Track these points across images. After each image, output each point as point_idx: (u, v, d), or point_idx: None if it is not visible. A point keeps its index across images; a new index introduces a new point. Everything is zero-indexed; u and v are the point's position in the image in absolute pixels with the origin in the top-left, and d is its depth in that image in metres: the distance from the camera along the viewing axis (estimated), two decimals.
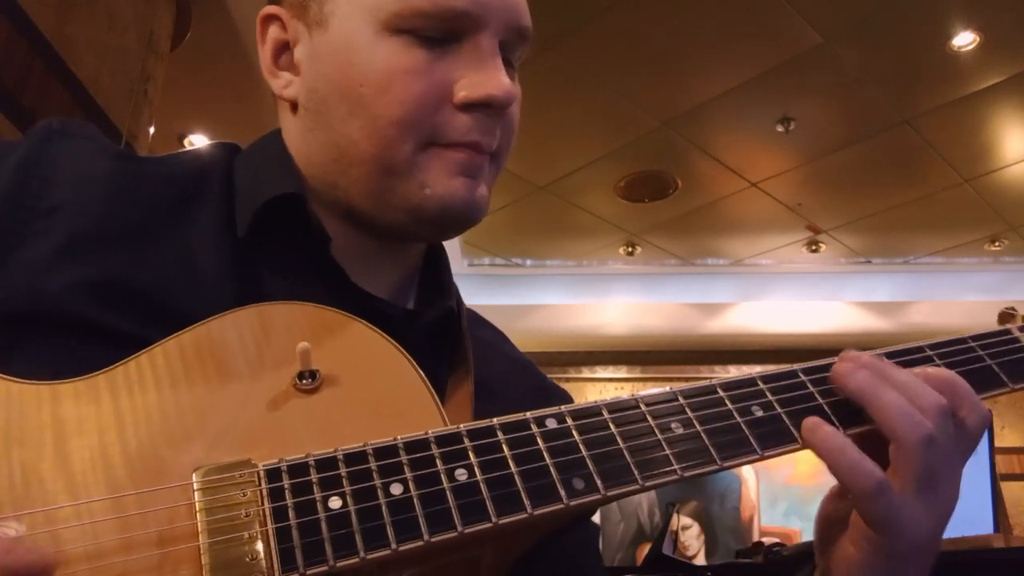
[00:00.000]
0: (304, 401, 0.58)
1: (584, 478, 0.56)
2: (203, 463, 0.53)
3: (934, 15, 3.70)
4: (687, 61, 4.04)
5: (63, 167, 0.68)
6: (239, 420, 0.56)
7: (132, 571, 0.48)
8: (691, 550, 3.47)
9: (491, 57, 0.71)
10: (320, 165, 0.74)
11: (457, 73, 0.70)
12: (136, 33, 2.67)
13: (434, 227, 0.73)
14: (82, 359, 0.57)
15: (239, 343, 0.60)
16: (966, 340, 0.73)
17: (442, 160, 0.70)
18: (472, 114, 0.70)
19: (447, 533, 0.51)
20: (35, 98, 2.22)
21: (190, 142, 4.54)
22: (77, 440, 0.53)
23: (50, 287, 0.61)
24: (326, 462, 0.53)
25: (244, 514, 0.51)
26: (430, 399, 0.60)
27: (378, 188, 0.71)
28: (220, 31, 3.51)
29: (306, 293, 0.65)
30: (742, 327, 6.53)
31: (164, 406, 0.56)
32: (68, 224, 0.65)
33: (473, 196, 0.72)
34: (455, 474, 0.54)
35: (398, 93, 0.68)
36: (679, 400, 0.62)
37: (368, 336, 0.62)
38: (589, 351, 6.75)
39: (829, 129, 4.61)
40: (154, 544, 0.49)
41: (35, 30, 2.23)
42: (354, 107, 0.70)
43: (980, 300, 6.31)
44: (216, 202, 0.72)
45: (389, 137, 0.69)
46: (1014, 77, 4.10)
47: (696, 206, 5.49)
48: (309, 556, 0.49)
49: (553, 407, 0.60)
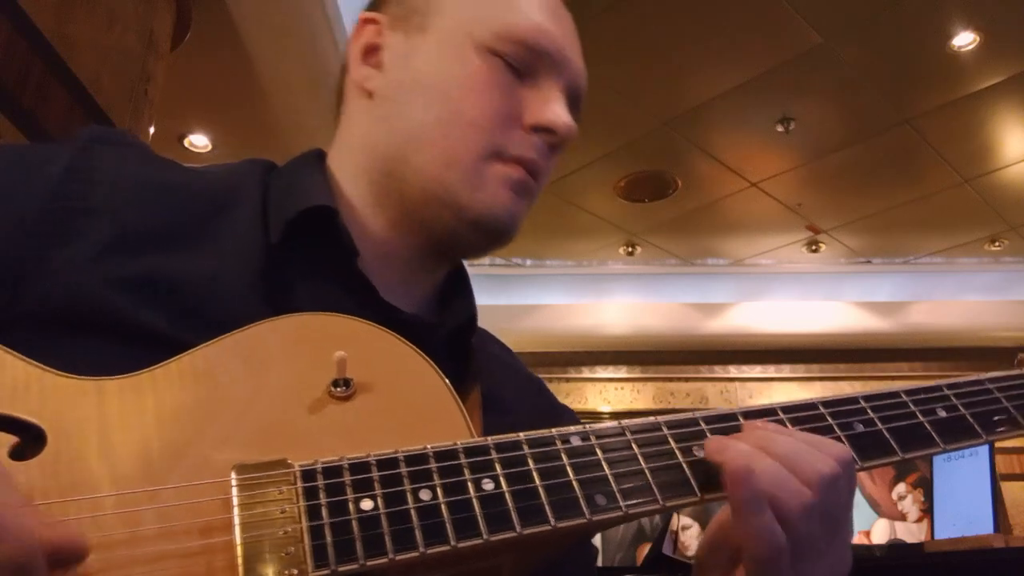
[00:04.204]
0: (338, 407, 0.61)
1: (606, 495, 0.57)
2: (241, 461, 0.55)
3: (934, 15, 3.70)
4: (687, 61, 4.04)
5: (106, 171, 0.71)
6: (276, 423, 0.59)
7: (170, 558, 0.50)
8: (691, 550, 3.47)
9: (559, 97, 0.80)
10: (383, 152, 0.79)
11: (528, 103, 0.79)
12: (136, 33, 2.67)
13: (472, 230, 0.78)
14: (118, 357, 0.60)
15: (278, 349, 0.63)
16: (983, 382, 0.73)
17: (500, 173, 0.77)
18: (535, 137, 0.78)
19: (473, 540, 0.53)
20: (35, 98, 2.22)
21: (190, 142, 4.54)
22: (121, 434, 0.56)
23: (90, 286, 0.64)
24: (359, 465, 0.55)
25: (280, 511, 0.52)
26: (457, 409, 0.63)
27: (434, 180, 0.76)
28: (220, 31, 3.51)
29: (334, 303, 0.68)
30: (742, 327, 6.53)
31: (204, 406, 0.59)
32: (109, 225, 0.67)
33: (515, 211, 0.79)
34: (482, 484, 0.56)
35: (481, 99, 0.77)
36: (701, 425, 0.64)
37: (399, 347, 0.65)
38: (589, 351, 6.74)
39: (829, 129, 4.62)
40: (192, 535, 0.52)
41: (35, 30, 2.23)
42: (436, 100, 0.77)
43: (980, 300, 6.31)
44: (251, 212, 0.75)
45: (463, 136, 0.76)
46: (1014, 77, 4.11)
47: (696, 206, 5.49)
48: (341, 554, 0.51)
49: (578, 426, 0.62)
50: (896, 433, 0.66)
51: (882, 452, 0.65)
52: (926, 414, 0.68)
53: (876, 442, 0.66)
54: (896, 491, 3.39)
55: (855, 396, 0.69)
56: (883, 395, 0.69)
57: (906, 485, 3.25)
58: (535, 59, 0.79)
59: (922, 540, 2.62)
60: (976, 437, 0.69)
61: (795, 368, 6.70)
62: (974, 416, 0.70)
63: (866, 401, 0.68)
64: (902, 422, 0.67)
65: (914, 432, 0.67)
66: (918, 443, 0.66)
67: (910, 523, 3.27)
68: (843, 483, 0.59)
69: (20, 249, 0.64)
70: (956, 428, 0.69)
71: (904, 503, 3.38)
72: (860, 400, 0.68)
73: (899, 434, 0.66)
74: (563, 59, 0.81)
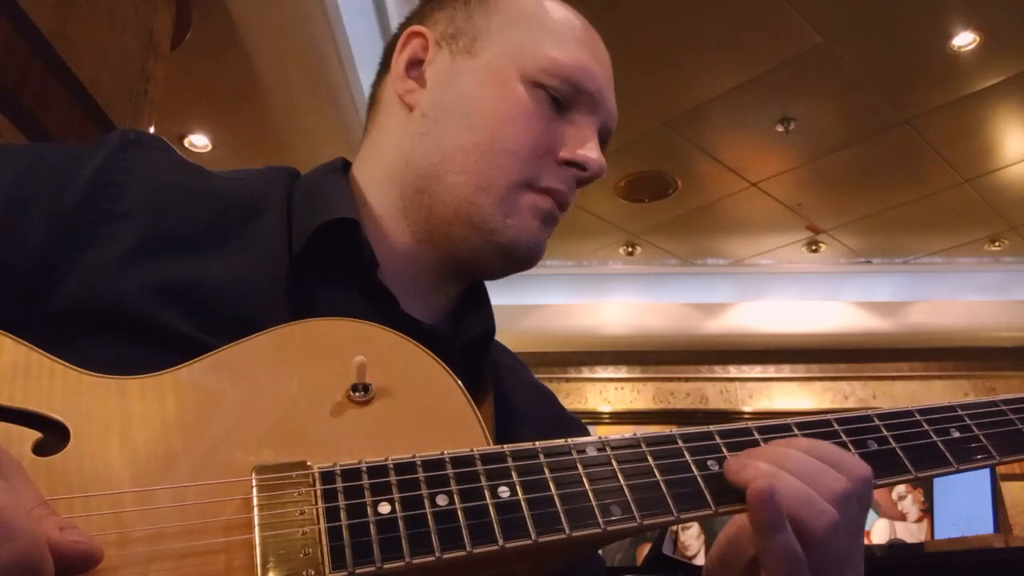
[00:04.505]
0: (357, 412, 0.62)
1: (621, 506, 0.58)
2: (261, 462, 0.56)
3: (934, 15, 3.70)
4: (687, 61, 4.04)
5: (137, 175, 0.72)
6: (296, 425, 0.60)
7: (189, 556, 0.51)
8: (691, 550, 3.47)
9: (593, 135, 0.83)
10: (417, 168, 0.81)
11: (565, 137, 0.81)
12: (136, 33, 2.67)
13: (498, 255, 0.80)
14: (141, 358, 0.61)
15: (298, 353, 0.64)
16: (997, 403, 0.73)
17: (531, 202, 0.80)
18: (567, 170, 0.81)
19: (488, 546, 0.53)
20: (35, 98, 2.21)
21: (190, 142, 4.54)
22: (142, 433, 0.56)
23: (118, 287, 0.65)
24: (377, 469, 0.56)
25: (299, 512, 0.53)
26: (473, 417, 0.64)
27: (467, 201, 0.78)
28: (220, 31, 3.51)
29: (354, 312, 0.69)
30: (742, 327, 6.53)
31: (225, 407, 0.60)
32: (139, 229, 0.69)
33: (541, 240, 0.81)
34: (498, 491, 0.56)
35: (521, 128, 0.79)
36: (716, 440, 0.64)
37: (417, 355, 0.67)
38: (589, 351, 6.74)
39: (829, 129, 4.61)
40: (211, 533, 0.52)
41: (35, 30, 2.23)
42: (476, 124, 0.79)
43: (980, 300, 6.31)
44: (276, 220, 0.76)
45: (501, 163, 0.78)
46: (1014, 77, 4.10)
47: (696, 206, 5.49)
48: (358, 556, 0.51)
49: (594, 437, 0.63)
50: (909, 452, 0.67)
51: (895, 470, 0.66)
52: (939, 434, 0.69)
53: (890, 461, 0.66)
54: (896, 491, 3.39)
55: (868, 414, 0.69)
56: (896, 414, 0.70)
57: (906, 485, 3.26)
58: (576, 95, 0.81)
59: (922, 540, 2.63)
60: (990, 459, 0.69)
61: (795, 368, 6.70)
62: (988, 437, 0.70)
63: (880, 419, 0.69)
64: (915, 441, 0.68)
65: (928, 452, 0.68)
66: (931, 463, 0.67)
67: (910, 523, 3.27)
68: (863, 500, 0.60)
69: (53, 249, 0.65)
70: (969, 449, 0.69)
71: (904, 503, 3.38)
72: (874, 418, 0.69)
73: (912, 453, 0.67)
74: (601, 99, 0.83)
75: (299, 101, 3.96)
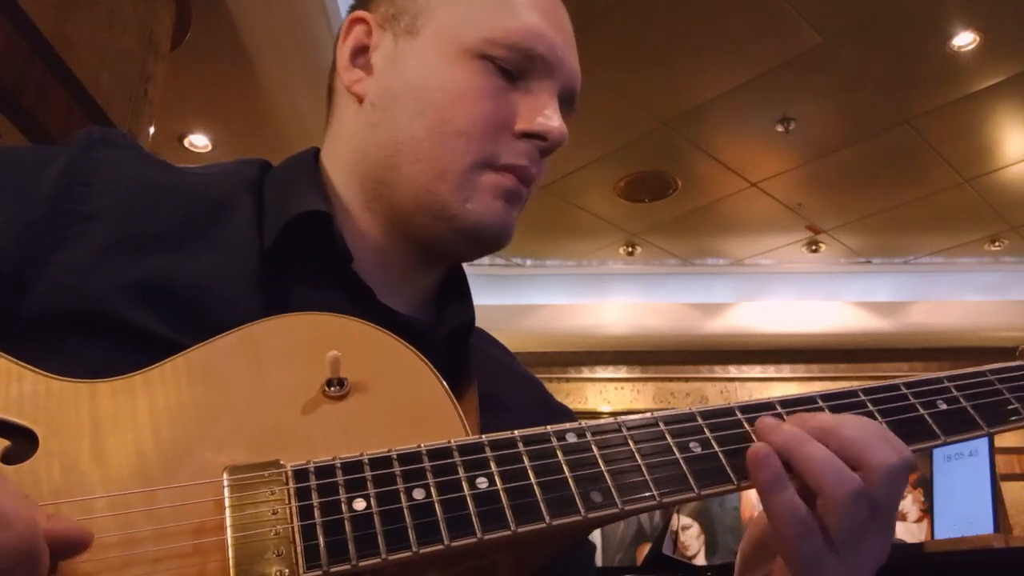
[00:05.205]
0: (332, 407, 0.60)
1: (602, 492, 0.57)
2: (234, 462, 0.55)
3: (934, 15, 3.70)
4: (687, 61, 4.04)
5: (104, 174, 0.71)
6: (269, 423, 0.59)
7: (162, 560, 0.50)
8: (691, 550, 3.47)
9: (551, 101, 0.78)
10: (374, 160, 0.78)
11: (520, 107, 0.77)
12: (136, 33, 2.67)
13: (464, 240, 0.77)
14: (115, 359, 0.60)
15: (271, 350, 0.62)
16: (984, 373, 0.72)
17: (491, 182, 0.76)
18: (527, 143, 0.77)
19: (467, 538, 0.52)
20: (35, 98, 2.22)
21: (190, 142, 4.54)
22: (113, 436, 0.56)
23: (88, 289, 0.64)
24: (352, 465, 0.55)
25: (271, 511, 0.52)
26: (452, 409, 0.62)
27: (424, 190, 0.75)
28: (220, 31, 3.51)
29: (331, 306, 0.67)
30: (742, 327, 6.53)
31: (197, 407, 0.58)
32: (107, 229, 0.67)
33: (507, 220, 0.78)
34: (476, 482, 0.55)
35: (470, 107, 0.75)
36: (698, 420, 0.63)
37: (393, 347, 0.65)
38: (589, 351, 6.75)
39: (829, 129, 4.62)
40: (184, 536, 0.52)
41: (35, 30, 2.23)
42: (425, 108, 0.75)
43: (980, 300, 6.31)
44: (247, 215, 0.75)
45: (453, 146, 0.75)
46: (1014, 77, 4.11)
47: (696, 206, 5.49)
48: (333, 554, 0.50)
49: (574, 423, 0.61)
50: (897, 426, 0.65)
51: (925, 436, 0.65)
52: (926, 406, 0.68)
53: (920, 427, 0.66)
54: None
55: (854, 390, 0.68)
56: (883, 388, 0.69)
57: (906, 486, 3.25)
58: (527, 62, 0.77)
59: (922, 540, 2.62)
60: (978, 429, 0.68)
61: (795, 368, 6.70)
62: (975, 408, 0.69)
63: (865, 394, 0.68)
64: (902, 415, 0.67)
65: (915, 425, 0.66)
66: (919, 436, 0.66)
67: (910, 523, 3.27)
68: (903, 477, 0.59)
69: (23, 253, 0.64)
70: (957, 420, 0.68)
71: (904, 503, 3.38)
72: (859, 393, 0.68)
73: (900, 427, 0.65)
74: (557, 60, 0.78)
75: (299, 101, 3.96)
